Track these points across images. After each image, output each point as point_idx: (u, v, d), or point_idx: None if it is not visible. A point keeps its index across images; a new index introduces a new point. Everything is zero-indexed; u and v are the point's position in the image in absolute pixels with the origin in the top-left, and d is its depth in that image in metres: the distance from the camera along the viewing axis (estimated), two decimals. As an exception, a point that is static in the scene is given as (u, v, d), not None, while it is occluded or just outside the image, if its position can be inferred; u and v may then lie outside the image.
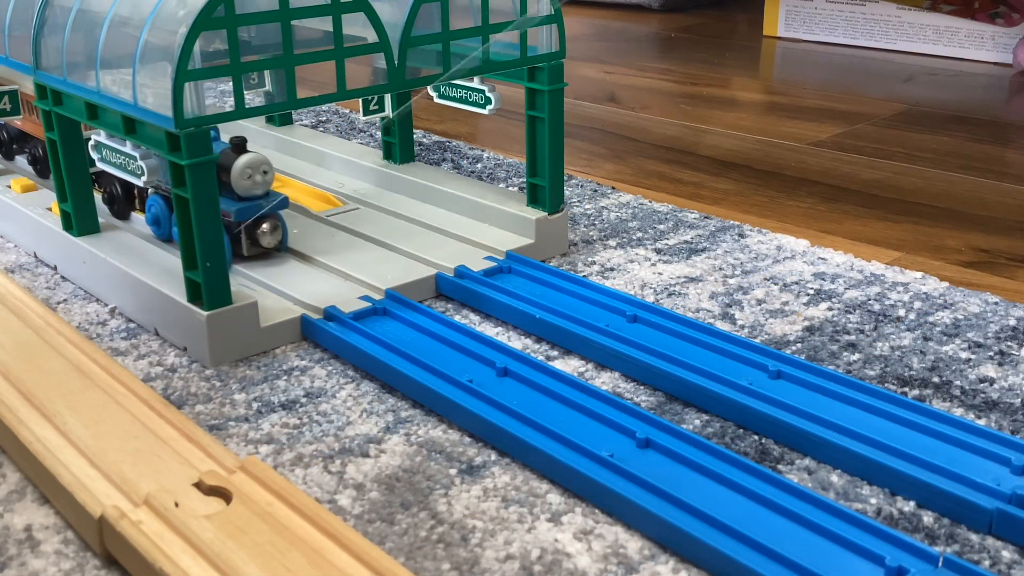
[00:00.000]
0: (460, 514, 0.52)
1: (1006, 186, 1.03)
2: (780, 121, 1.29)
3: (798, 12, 1.79)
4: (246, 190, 0.76)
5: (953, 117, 1.29)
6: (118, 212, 0.85)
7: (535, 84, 0.80)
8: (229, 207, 0.76)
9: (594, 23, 2.04)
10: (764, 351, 0.65)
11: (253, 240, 0.79)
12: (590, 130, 1.26)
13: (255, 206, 0.77)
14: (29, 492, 0.55)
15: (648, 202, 0.97)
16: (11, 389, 0.61)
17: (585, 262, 0.83)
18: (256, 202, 0.77)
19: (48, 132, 0.77)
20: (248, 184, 0.76)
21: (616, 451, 0.55)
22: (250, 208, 0.77)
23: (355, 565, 0.45)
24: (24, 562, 0.49)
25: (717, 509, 0.50)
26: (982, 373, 0.65)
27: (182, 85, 0.62)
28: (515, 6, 0.77)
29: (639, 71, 1.59)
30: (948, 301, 0.75)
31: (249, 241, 0.79)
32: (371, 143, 1.15)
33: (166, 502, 0.49)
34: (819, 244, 0.87)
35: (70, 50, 0.72)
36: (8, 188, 0.92)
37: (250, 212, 0.77)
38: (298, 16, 0.66)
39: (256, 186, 0.76)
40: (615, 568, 0.48)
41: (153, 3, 0.65)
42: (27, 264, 0.85)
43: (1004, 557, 0.49)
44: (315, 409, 0.62)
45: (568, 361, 0.68)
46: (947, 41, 1.64)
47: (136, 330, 0.73)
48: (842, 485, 0.54)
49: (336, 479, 0.55)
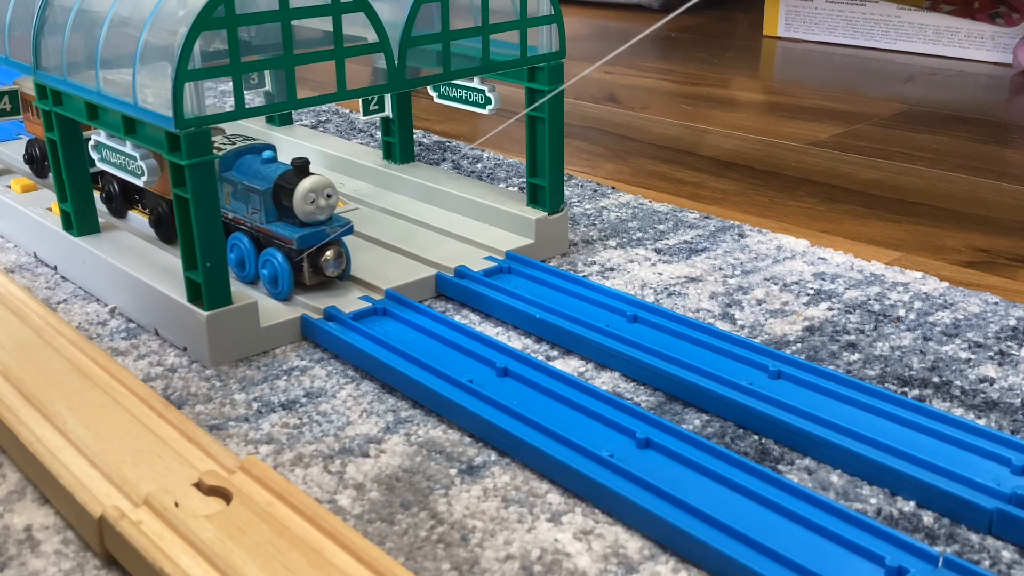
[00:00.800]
0: (460, 514, 0.52)
1: (1006, 186, 1.03)
2: (780, 121, 1.29)
3: (798, 12, 1.79)
4: (309, 215, 0.71)
5: (953, 117, 1.29)
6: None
7: (535, 84, 0.80)
8: (290, 233, 0.71)
9: (594, 23, 2.04)
10: (764, 351, 0.65)
11: (316, 269, 0.72)
12: (590, 130, 1.26)
13: (319, 233, 0.71)
14: (29, 492, 0.55)
15: (648, 202, 0.97)
16: (11, 389, 0.61)
17: (585, 262, 0.83)
18: (319, 228, 0.72)
19: (48, 132, 0.77)
20: (311, 209, 0.70)
21: (616, 451, 0.55)
22: (313, 235, 0.71)
23: (355, 565, 0.45)
24: (24, 562, 0.49)
25: (717, 509, 0.50)
26: (982, 373, 0.65)
27: (182, 85, 0.62)
28: (515, 6, 0.77)
29: (639, 71, 1.59)
30: (948, 301, 0.75)
31: (311, 270, 0.72)
32: (371, 143, 1.15)
33: (166, 502, 0.49)
34: (819, 244, 0.87)
35: (70, 50, 0.72)
36: (8, 188, 0.92)
37: (313, 240, 0.71)
38: (298, 16, 0.66)
39: (319, 211, 0.71)
40: (615, 568, 0.48)
41: (153, 3, 0.65)
42: (27, 264, 0.85)
43: (1004, 557, 0.49)
44: (315, 409, 0.62)
45: (568, 361, 0.68)
46: (947, 41, 1.64)
47: (136, 330, 0.73)
48: (842, 485, 0.54)
49: (336, 479, 0.55)
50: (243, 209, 0.74)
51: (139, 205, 0.84)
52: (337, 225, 0.73)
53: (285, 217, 0.72)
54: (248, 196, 0.73)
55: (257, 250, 0.74)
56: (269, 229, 0.72)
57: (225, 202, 0.75)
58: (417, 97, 1.24)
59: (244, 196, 0.73)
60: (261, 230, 0.73)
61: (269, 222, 0.72)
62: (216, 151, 0.73)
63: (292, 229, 0.71)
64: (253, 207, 0.73)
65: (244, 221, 0.74)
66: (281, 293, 0.72)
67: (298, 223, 0.71)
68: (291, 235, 0.71)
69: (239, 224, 0.75)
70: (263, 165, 0.73)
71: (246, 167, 0.74)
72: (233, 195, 0.74)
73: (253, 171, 0.73)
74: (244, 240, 0.74)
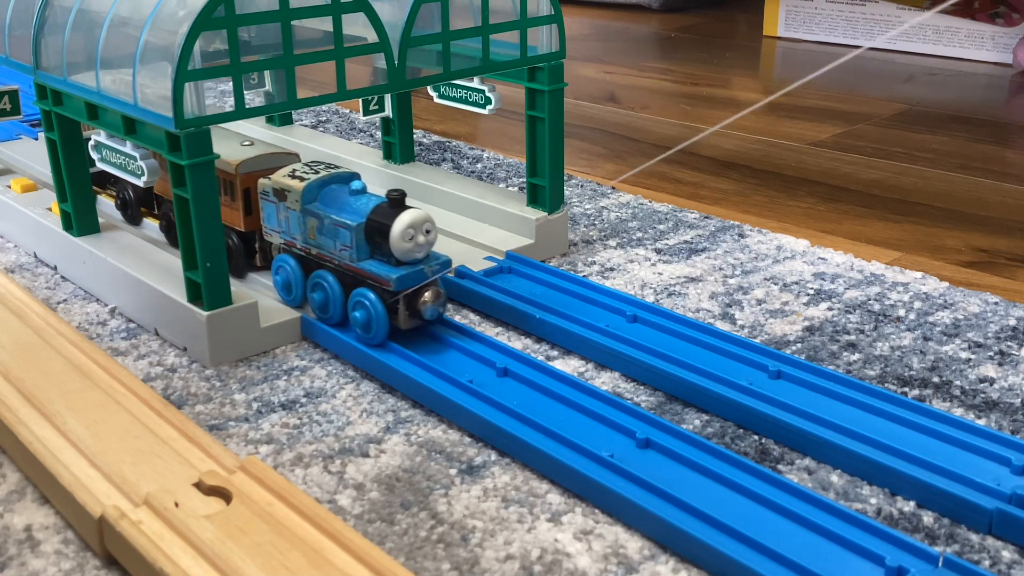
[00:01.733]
0: (460, 514, 0.52)
1: (1006, 186, 1.03)
2: (780, 121, 1.29)
3: (798, 12, 1.79)
4: (407, 254, 0.64)
5: (953, 117, 1.29)
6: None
7: (535, 84, 0.80)
8: (387, 273, 0.64)
9: (594, 23, 2.04)
10: (764, 351, 0.65)
11: (413, 311, 0.66)
12: (590, 130, 1.26)
13: (417, 273, 0.65)
14: (29, 492, 0.55)
15: (648, 202, 0.97)
16: (11, 389, 0.61)
17: (585, 262, 0.83)
18: (418, 268, 0.65)
19: (48, 132, 0.77)
20: (409, 247, 0.64)
21: (616, 451, 0.55)
22: (412, 275, 0.65)
23: (355, 565, 0.45)
24: (24, 562, 0.49)
25: (717, 509, 0.50)
26: (982, 373, 0.65)
27: (182, 85, 0.62)
28: (515, 6, 0.77)
29: (639, 71, 1.59)
30: (948, 301, 0.75)
31: (408, 312, 0.66)
32: (371, 143, 1.15)
33: (166, 502, 0.49)
34: (819, 244, 0.87)
35: (70, 50, 0.72)
36: (8, 188, 0.92)
37: (412, 280, 0.65)
38: (298, 16, 0.66)
39: (418, 248, 0.65)
40: (615, 568, 0.48)
41: (153, 3, 0.65)
42: (27, 264, 0.85)
43: (1004, 557, 0.49)
44: (315, 409, 0.62)
45: (568, 361, 0.68)
46: (947, 41, 1.64)
47: (136, 330, 0.73)
48: (842, 485, 0.54)
49: (336, 479, 0.55)
50: (330, 245, 0.67)
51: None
52: (436, 263, 0.66)
53: (378, 254, 0.66)
54: (336, 231, 0.66)
55: (344, 290, 0.67)
56: (361, 268, 0.65)
57: (309, 237, 0.68)
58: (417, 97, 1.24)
59: (332, 231, 0.66)
60: (351, 269, 0.66)
61: (360, 260, 0.66)
62: (299, 180, 0.68)
63: (388, 268, 0.65)
64: (342, 243, 0.66)
65: (330, 258, 0.67)
66: (375, 339, 0.66)
67: (394, 262, 0.65)
68: (388, 275, 0.64)
69: (323, 261, 0.68)
70: (352, 197, 0.67)
71: (332, 199, 0.68)
72: (319, 230, 0.67)
73: (341, 204, 0.67)
74: (329, 279, 0.68)
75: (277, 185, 0.70)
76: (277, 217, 0.71)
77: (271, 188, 0.70)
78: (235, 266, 0.75)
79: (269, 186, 0.70)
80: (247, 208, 0.74)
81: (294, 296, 0.71)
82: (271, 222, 0.71)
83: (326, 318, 0.68)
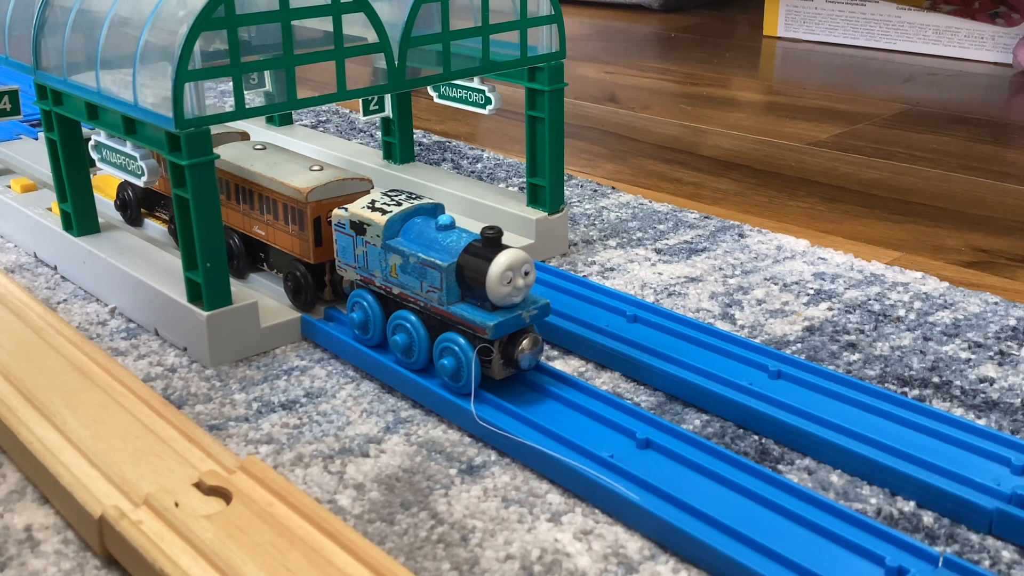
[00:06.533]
0: (460, 514, 0.52)
1: (1006, 186, 1.03)
2: (780, 121, 1.29)
3: (798, 12, 1.79)
4: (504, 298, 0.58)
5: (953, 117, 1.29)
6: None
7: (535, 84, 0.80)
8: (482, 320, 0.58)
9: (594, 23, 2.04)
10: (764, 351, 0.65)
11: (507, 359, 0.60)
12: (590, 130, 1.26)
13: (515, 319, 0.58)
14: (29, 492, 0.55)
15: (648, 202, 0.97)
16: (11, 389, 0.61)
17: (585, 262, 0.83)
18: (515, 313, 0.59)
19: (48, 132, 0.77)
20: (507, 291, 0.58)
21: (616, 451, 0.55)
22: (509, 322, 0.58)
23: (355, 565, 0.45)
24: (24, 562, 0.49)
25: (717, 509, 0.50)
26: (982, 373, 0.65)
27: (182, 85, 0.62)
28: (515, 6, 0.77)
29: (639, 71, 1.59)
30: (948, 301, 0.75)
31: (502, 361, 0.60)
32: (371, 143, 1.15)
33: (166, 502, 0.49)
34: (819, 244, 0.87)
35: (70, 50, 0.72)
36: (8, 188, 0.92)
37: (509, 327, 0.58)
38: (298, 16, 0.66)
39: (516, 292, 0.58)
40: (615, 568, 0.48)
41: (153, 3, 0.65)
42: (27, 264, 0.85)
43: (1004, 557, 0.49)
44: (315, 409, 0.62)
45: (568, 361, 0.68)
46: (947, 41, 1.64)
47: (136, 330, 0.73)
48: (842, 485, 0.54)
49: (336, 479, 0.55)
50: (415, 286, 0.61)
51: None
52: (535, 308, 0.60)
53: (470, 297, 0.60)
54: (424, 271, 0.60)
55: (430, 334, 0.62)
56: (453, 313, 0.59)
57: (390, 275, 0.62)
58: (417, 97, 1.24)
59: (418, 271, 0.60)
60: (441, 312, 0.60)
61: (451, 303, 0.60)
62: (380, 212, 0.62)
63: (483, 314, 0.58)
64: (430, 285, 0.60)
65: (415, 299, 0.61)
66: (464, 388, 0.60)
67: (489, 306, 0.59)
68: (484, 322, 0.58)
69: (406, 302, 0.62)
70: (440, 233, 0.61)
71: (418, 234, 0.62)
72: (402, 268, 0.61)
73: (428, 240, 0.61)
74: (413, 320, 0.62)
75: (355, 218, 0.63)
76: (354, 251, 0.64)
77: (347, 221, 0.64)
78: (303, 301, 0.70)
79: (346, 218, 0.64)
80: (317, 239, 0.68)
81: (371, 336, 0.65)
82: (347, 256, 0.65)
83: (409, 363, 0.63)
